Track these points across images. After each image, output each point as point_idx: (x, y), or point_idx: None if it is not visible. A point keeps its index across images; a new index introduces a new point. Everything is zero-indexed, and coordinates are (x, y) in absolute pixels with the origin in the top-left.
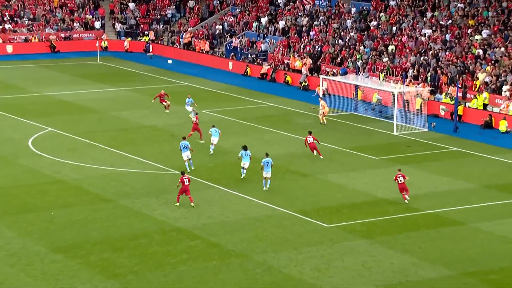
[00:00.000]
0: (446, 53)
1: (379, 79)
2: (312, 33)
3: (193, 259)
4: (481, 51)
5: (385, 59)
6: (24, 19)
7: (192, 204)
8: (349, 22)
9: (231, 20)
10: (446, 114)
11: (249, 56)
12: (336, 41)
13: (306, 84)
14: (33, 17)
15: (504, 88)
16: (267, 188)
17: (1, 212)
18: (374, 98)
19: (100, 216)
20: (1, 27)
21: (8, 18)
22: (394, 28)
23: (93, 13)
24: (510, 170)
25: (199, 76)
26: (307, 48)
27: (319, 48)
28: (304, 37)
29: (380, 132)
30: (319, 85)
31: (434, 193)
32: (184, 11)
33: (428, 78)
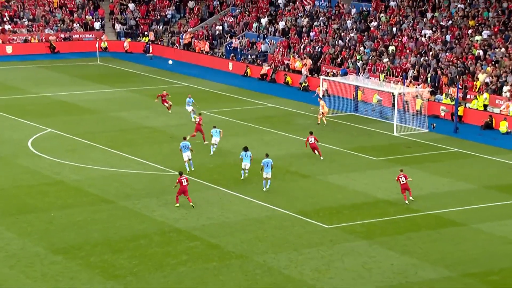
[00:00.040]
0: (447, 53)
1: (379, 80)
2: (312, 34)
3: (193, 260)
4: (481, 52)
5: (385, 60)
6: (24, 19)
7: (191, 204)
8: (349, 23)
9: (231, 20)
10: (446, 115)
11: (249, 56)
12: (336, 42)
13: (306, 84)
14: (32, 17)
15: (505, 88)
16: (267, 189)
17: (1, 213)
18: (374, 98)
19: (100, 217)
20: (0, 27)
21: (8, 18)
22: (394, 29)
23: (92, 13)
24: (510, 171)
25: (199, 76)
26: (307, 49)
27: (319, 49)
28: (304, 38)
29: (380, 133)
30: (319, 86)
31: (435, 194)
32: (184, 11)
33: (429, 79)
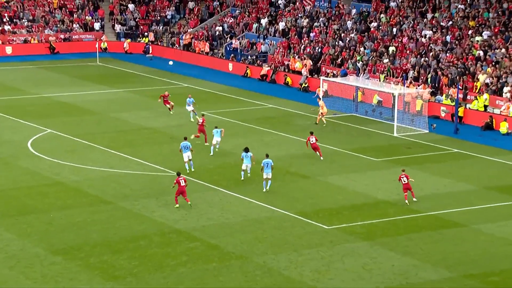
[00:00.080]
0: (447, 54)
1: (379, 81)
2: (312, 34)
3: (192, 261)
4: (481, 53)
5: (385, 61)
6: (24, 20)
7: (189, 203)
8: (349, 23)
9: (231, 21)
10: (446, 116)
11: (249, 57)
12: (336, 43)
13: (306, 85)
14: (32, 18)
15: (505, 89)
16: (268, 189)
17: (1, 214)
18: (375, 99)
19: (100, 218)
20: (0, 28)
21: (8, 19)
22: (395, 29)
23: (92, 14)
24: (510, 171)
25: (199, 77)
26: (307, 50)
27: (319, 50)
28: (304, 38)
29: (381, 133)
30: (319, 87)
31: (435, 195)
32: (183, 12)
33: (429, 80)
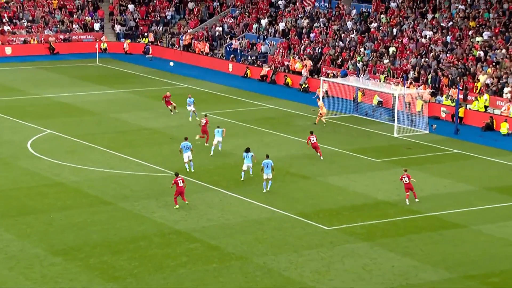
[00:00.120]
0: (447, 55)
1: (379, 81)
2: (312, 35)
3: (192, 262)
4: (482, 53)
5: (385, 61)
6: (23, 20)
7: (186, 202)
8: (349, 24)
9: (231, 21)
10: (447, 116)
11: (249, 58)
12: (337, 43)
13: (306, 86)
14: (32, 18)
15: (505, 90)
16: (268, 189)
17: (0, 215)
18: (375, 100)
19: (100, 219)
20: (0, 28)
21: (7, 20)
22: (395, 30)
23: (92, 14)
24: (511, 172)
25: (199, 78)
26: (307, 50)
27: (320, 50)
28: (304, 39)
29: (381, 134)
30: (319, 87)
31: (435, 196)
32: (183, 12)
33: (429, 80)
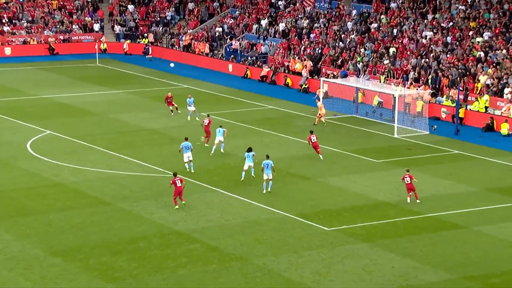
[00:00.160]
0: (447, 55)
1: (380, 82)
2: (312, 35)
3: (192, 263)
4: (482, 54)
5: (386, 62)
6: (23, 21)
7: (183, 202)
8: (349, 24)
9: (231, 22)
10: (447, 117)
11: (249, 58)
12: (337, 44)
13: (306, 86)
14: (31, 19)
15: (506, 90)
16: (269, 190)
17: (0, 215)
18: (375, 100)
19: (99, 220)
20: None
21: (7, 20)
22: (395, 31)
23: (92, 15)
24: (511, 173)
25: (199, 78)
26: (308, 51)
27: (320, 51)
28: (305, 39)
29: (381, 134)
30: (320, 88)
31: (436, 196)
32: (183, 13)
33: (429, 81)
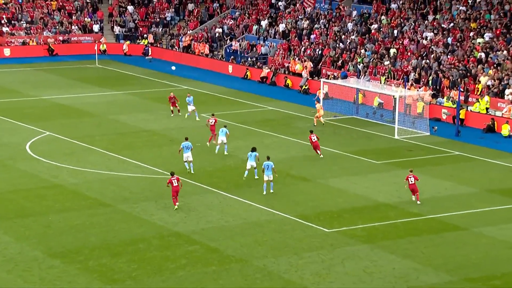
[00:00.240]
0: (448, 56)
1: (380, 83)
2: (312, 36)
3: (192, 264)
4: (483, 55)
5: (386, 63)
6: (22, 22)
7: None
8: (350, 25)
9: (231, 23)
10: (448, 118)
11: (249, 59)
12: (337, 44)
13: (306, 87)
14: (31, 20)
15: (507, 91)
16: (272, 191)
17: None
18: (375, 101)
19: (98, 221)
20: None
21: (6, 21)
22: (396, 31)
23: (91, 16)
24: None
25: (199, 79)
26: (308, 52)
27: (320, 52)
28: (305, 40)
29: (381, 136)
30: (320, 89)
31: (436, 198)
32: (183, 14)
33: (430, 82)
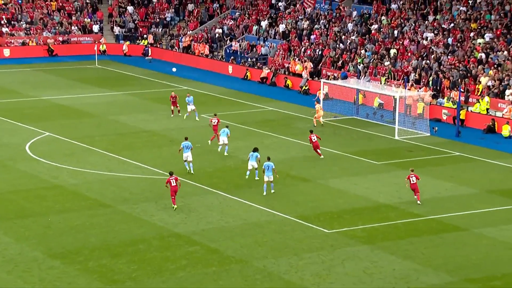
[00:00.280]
0: (448, 57)
1: (380, 83)
2: (312, 37)
3: (192, 265)
4: (483, 55)
5: (386, 63)
6: (22, 22)
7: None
8: (350, 26)
9: (230, 23)
10: (448, 119)
11: (249, 60)
12: (337, 45)
13: (306, 88)
14: (30, 20)
15: (507, 92)
16: (272, 191)
17: None
18: (376, 102)
19: (98, 222)
20: None
21: (5, 21)
22: (396, 32)
23: (91, 16)
24: None
25: (199, 80)
26: (308, 52)
27: (320, 52)
28: (305, 41)
29: (382, 136)
30: (320, 89)
31: (436, 198)
32: (183, 14)
33: (430, 82)
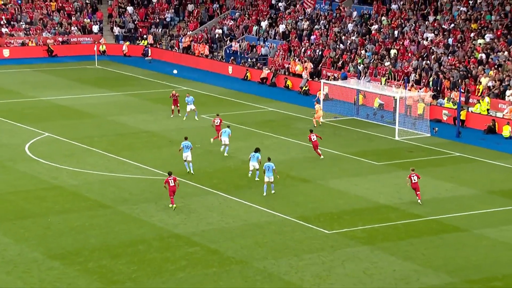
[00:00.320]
0: (449, 57)
1: (380, 84)
2: (312, 37)
3: (192, 266)
4: (484, 55)
5: (386, 63)
6: (21, 23)
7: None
8: (350, 26)
9: (230, 24)
10: (448, 119)
11: (249, 60)
12: (337, 45)
13: (306, 88)
14: (30, 21)
15: (508, 92)
16: (273, 192)
17: None
18: (376, 102)
19: (98, 223)
20: None
21: (5, 22)
22: (396, 32)
23: (91, 16)
24: None
25: (199, 80)
26: (308, 52)
27: (320, 52)
28: (305, 41)
29: (382, 137)
30: (320, 90)
31: (437, 199)
32: (183, 15)
33: (431, 83)
